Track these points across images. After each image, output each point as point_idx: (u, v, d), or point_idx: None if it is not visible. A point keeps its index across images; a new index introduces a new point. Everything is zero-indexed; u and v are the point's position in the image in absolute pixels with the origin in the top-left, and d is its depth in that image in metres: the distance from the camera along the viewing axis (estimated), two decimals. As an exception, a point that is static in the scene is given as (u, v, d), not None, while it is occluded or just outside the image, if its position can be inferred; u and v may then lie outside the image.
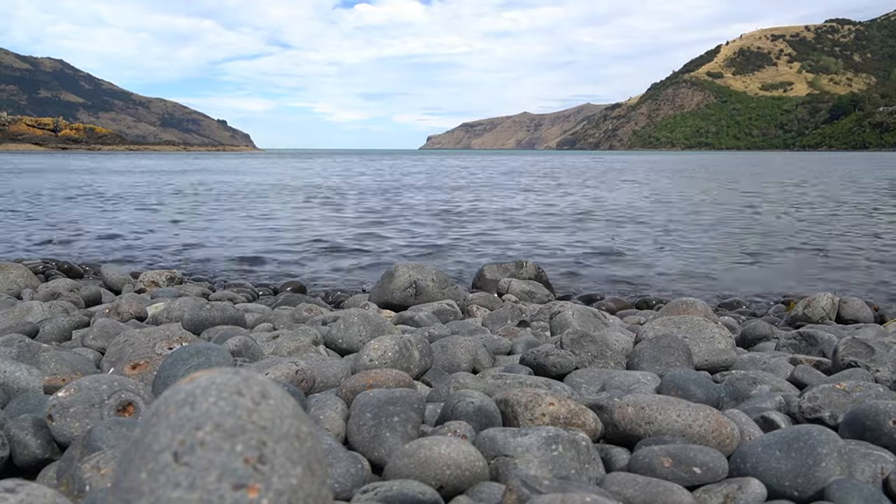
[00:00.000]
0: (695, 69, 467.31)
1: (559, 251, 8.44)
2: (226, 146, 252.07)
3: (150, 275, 5.27)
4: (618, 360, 2.60)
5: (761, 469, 1.50)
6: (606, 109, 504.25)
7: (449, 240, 9.57)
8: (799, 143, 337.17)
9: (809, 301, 4.23)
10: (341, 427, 1.79)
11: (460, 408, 1.79)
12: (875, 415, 1.69)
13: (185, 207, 14.26)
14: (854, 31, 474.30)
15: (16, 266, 4.89)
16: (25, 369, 2.11)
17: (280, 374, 2.04)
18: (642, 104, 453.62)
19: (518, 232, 10.56)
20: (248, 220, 12.16)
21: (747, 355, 2.79)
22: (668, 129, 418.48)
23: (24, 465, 1.63)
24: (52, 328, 3.14)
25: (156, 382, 1.97)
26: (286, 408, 0.88)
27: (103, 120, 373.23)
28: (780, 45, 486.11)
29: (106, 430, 1.53)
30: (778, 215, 12.91)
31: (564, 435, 1.57)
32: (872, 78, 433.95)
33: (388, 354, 2.34)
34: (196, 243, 8.89)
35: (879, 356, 2.41)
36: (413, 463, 1.46)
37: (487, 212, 13.81)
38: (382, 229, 10.77)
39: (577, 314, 3.48)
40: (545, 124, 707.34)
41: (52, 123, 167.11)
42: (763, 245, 8.85)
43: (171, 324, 3.22)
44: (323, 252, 8.31)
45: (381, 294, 4.44)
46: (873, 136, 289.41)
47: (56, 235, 9.49)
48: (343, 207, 14.67)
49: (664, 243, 9.02)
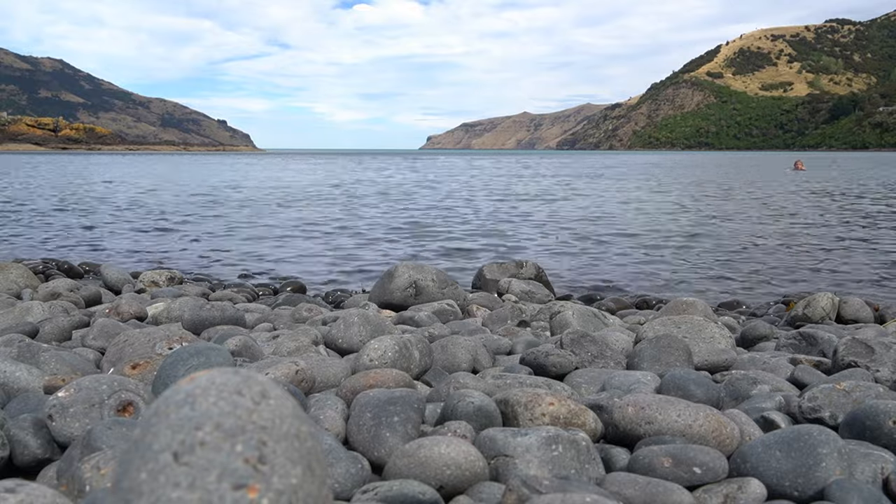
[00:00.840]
0: (695, 69, 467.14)
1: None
2: (226, 146, 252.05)
3: (150, 275, 5.27)
4: (618, 360, 2.60)
5: (761, 469, 1.50)
6: (606, 109, 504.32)
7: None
8: (799, 143, 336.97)
9: (809, 301, 4.24)
10: (341, 427, 1.78)
11: (460, 408, 1.79)
12: (875, 415, 1.69)
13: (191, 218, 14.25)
14: (854, 31, 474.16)
15: (16, 266, 4.89)
16: (25, 369, 2.11)
17: (280, 374, 2.04)
18: (642, 104, 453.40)
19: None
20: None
21: (747, 355, 2.79)
22: (668, 129, 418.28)
23: (24, 465, 1.63)
24: (52, 328, 3.14)
25: (156, 382, 1.97)
26: (286, 408, 0.88)
27: (103, 120, 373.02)
28: (780, 45, 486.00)
29: (106, 430, 1.53)
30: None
31: (564, 435, 1.57)
32: (872, 78, 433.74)
33: (388, 354, 2.34)
34: (203, 246, 8.89)
35: (879, 356, 2.41)
36: (413, 463, 1.46)
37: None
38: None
39: (577, 314, 3.48)
40: (545, 124, 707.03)
41: (52, 123, 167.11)
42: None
43: (171, 324, 3.22)
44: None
45: (381, 294, 4.44)
46: (873, 136, 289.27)
47: (57, 235, 9.50)
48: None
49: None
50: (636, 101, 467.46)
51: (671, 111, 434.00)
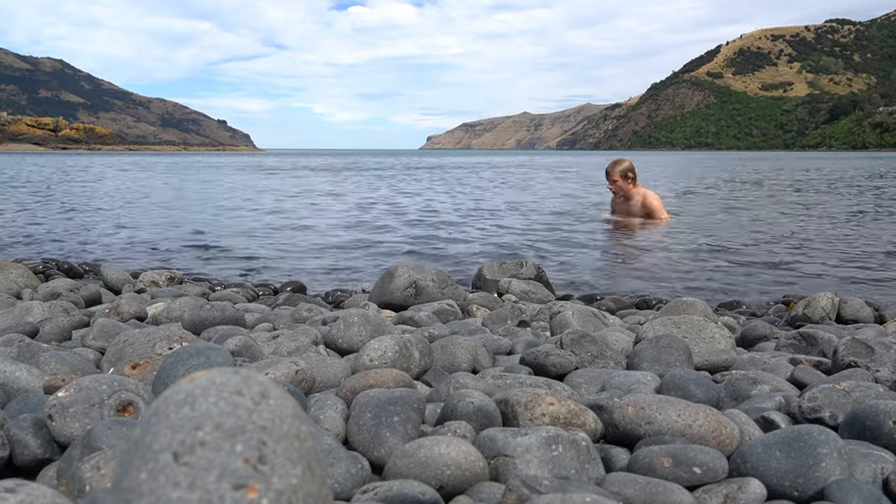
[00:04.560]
0: (695, 69, 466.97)
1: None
2: (226, 146, 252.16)
3: (150, 275, 5.27)
4: (618, 360, 2.60)
5: (761, 469, 1.50)
6: (606, 109, 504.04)
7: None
8: (799, 143, 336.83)
9: (809, 301, 4.23)
10: (341, 427, 1.78)
11: (460, 408, 1.79)
12: (875, 415, 1.69)
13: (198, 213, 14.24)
14: (854, 31, 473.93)
15: (16, 266, 4.89)
16: (25, 369, 2.11)
17: (280, 374, 2.04)
18: (642, 104, 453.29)
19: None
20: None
21: (747, 355, 2.79)
22: (668, 129, 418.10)
23: (24, 465, 1.63)
24: (52, 328, 3.14)
25: (156, 382, 1.97)
26: (286, 408, 0.88)
27: (103, 120, 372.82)
28: (780, 45, 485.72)
29: (106, 430, 1.53)
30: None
31: (564, 435, 1.57)
32: (872, 78, 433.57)
33: (388, 354, 2.34)
34: (199, 244, 8.89)
35: (879, 356, 2.41)
36: (413, 463, 1.46)
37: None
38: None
39: (577, 314, 3.47)
40: (545, 124, 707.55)
41: (52, 123, 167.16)
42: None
43: (171, 324, 3.22)
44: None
45: (381, 294, 4.44)
46: (873, 136, 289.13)
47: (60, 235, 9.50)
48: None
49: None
50: (636, 101, 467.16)
51: (671, 111, 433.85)
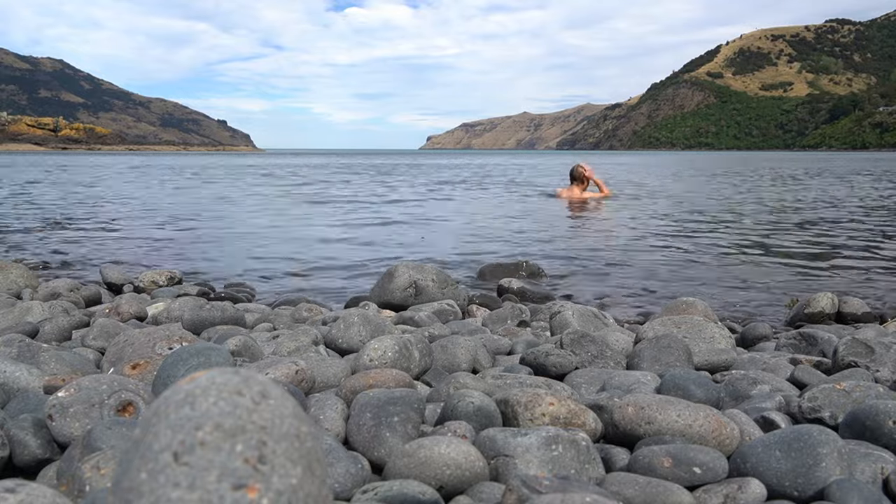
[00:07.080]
0: (695, 69, 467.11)
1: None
2: (226, 146, 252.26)
3: (150, 275, 5.27)
4: (618, 360, 2.60)
5: (761, 469, 1.50)
6: (606, 109, 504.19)
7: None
8: (799, 143, 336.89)
9: (809, 301, 4.23)
10: (341, 427, 1.78)
11: (460, 408, 1.79)
12: (875, 415, 1.69)
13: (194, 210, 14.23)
14: (854, 32, 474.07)
15: (16, 266, 4.89)
16: (25, 369, 2.11)
17: (280, 374, 2.04)
18: (642, 104, 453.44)
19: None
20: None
21: (747, 355, 2.79)
22: (668, 129, 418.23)
23: (24, 465, 1.63)
24: (52, 328, 3.14)
25: (156, 382, 1.97)
26: (286, 408, 0.88)
27: (103, 120, 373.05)
28: (780, 45, 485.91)
29: (106, 430, 1.53)
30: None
31: (564, 435, 1.57)
32: (872, 78, 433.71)
33: (388, 354, 2.34)
34: (197, 244, 8.89)
35: (879, 356, 2.41)
36: (413, 463, 1.46)
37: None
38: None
39: (577, 314, 3.47)
40: (545, 124, 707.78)
41: (53, 123, 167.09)
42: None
43: (171, 324, 3.22)
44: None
45: (381, 294, 4.44)
46: (873, 136, 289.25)
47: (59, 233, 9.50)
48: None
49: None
50: (636, 101, 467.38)
51: (671, 111, 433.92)
